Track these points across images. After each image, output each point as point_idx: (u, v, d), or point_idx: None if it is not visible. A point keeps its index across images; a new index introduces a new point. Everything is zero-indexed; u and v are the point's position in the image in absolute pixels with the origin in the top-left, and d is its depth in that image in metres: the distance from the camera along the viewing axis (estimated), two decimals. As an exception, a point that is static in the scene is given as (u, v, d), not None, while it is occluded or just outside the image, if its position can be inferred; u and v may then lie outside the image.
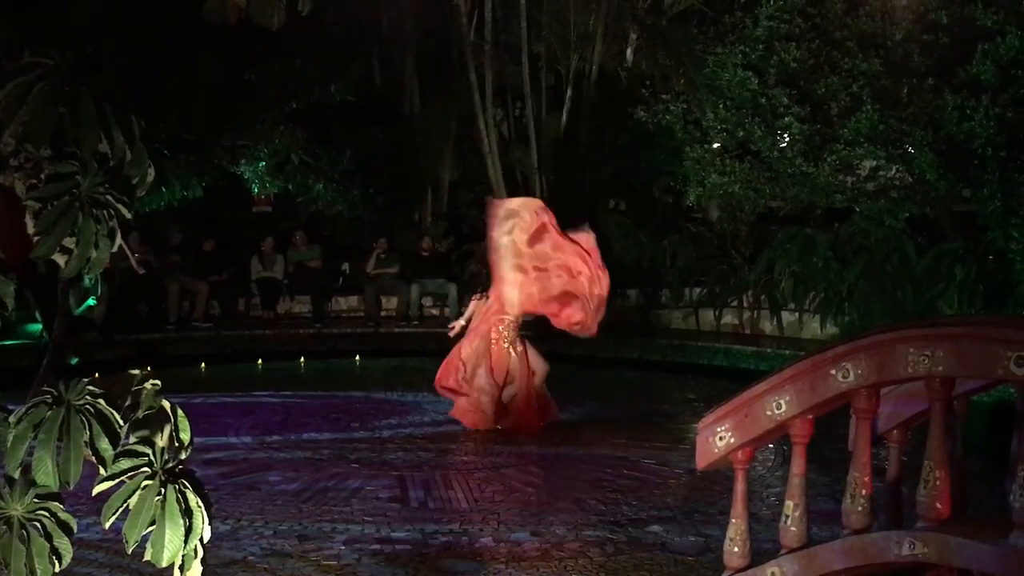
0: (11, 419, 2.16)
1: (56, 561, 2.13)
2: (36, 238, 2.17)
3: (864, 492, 3.52)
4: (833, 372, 3.50)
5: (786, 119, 11.98)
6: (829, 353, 3.54)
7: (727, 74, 12.50)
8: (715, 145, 13.32)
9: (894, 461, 3.93)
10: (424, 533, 5.59)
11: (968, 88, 10.68)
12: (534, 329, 9.27)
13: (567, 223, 8.47)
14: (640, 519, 5.89)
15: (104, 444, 2.17)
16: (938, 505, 3.31)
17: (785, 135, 12.30)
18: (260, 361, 12.36)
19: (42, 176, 2.26)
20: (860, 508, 3.52)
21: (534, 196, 15.91)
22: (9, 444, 2.15)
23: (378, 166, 15.50)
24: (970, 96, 10.56)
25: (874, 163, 12.17)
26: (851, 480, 3.55)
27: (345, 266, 15.32)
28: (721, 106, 12.72)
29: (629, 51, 15.47)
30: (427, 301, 14.56)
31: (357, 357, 12.70)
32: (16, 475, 2.15)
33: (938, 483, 3.31)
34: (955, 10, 11.21)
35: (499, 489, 6.54)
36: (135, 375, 2.34)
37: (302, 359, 12.53)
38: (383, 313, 14.45)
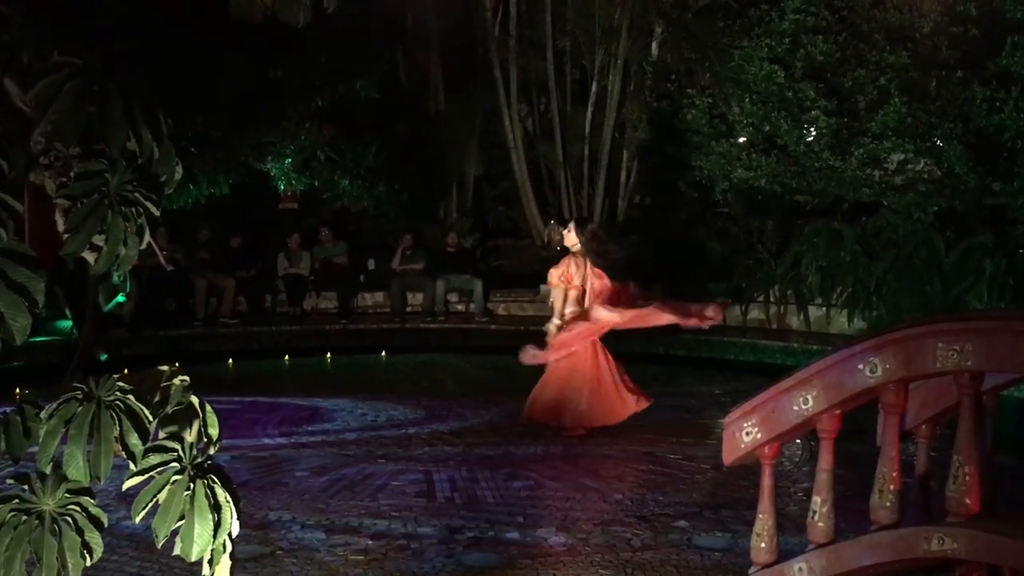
0: (42, 415, 2.19)
1: (87, 555, 2.16)
2: (66, 236, 2.19)
3: (892, 488, 3.50)
4: (860, 367, 3.47)
5: (813, 113, 11.90)
6: (856, 348, 3.52)
7: (753, 68, 12.43)
8: (741, 139, 13.26)
9: (923, 456, 3.90)
10: (451, 528, 5.60)
11: (998, 80, 10.58)
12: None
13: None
14: (667, 514, 5.88)
15: (134, 439, 2.19)
16: (967, 501, 3.28)
17: (812, 129, 12.22)
18: (287, 357, 12.42)
19: (72, 174, 2.28)
20: (888, 504, 3.50)
21: (558, 191, 15.96)
22: (41, 439, 2.17)
23: (403, 162, 15.54)
24: (1000, 88, 10.46)
25: (902, 157, 12.07)
26: (879, 475, 3.53)
27: (371, 262, 15.37)
28: (747, 100, 12.66)
29: (654, 45, 15.43)
30: (453, 297, 14.59)
31: (383, 353, 12.74)
32: (47, 470, 2.18)
33: (967, 478, 3.28)
34: (984, 2, 11.12)
35: (525, 484, 6.55)
36: (164, 371, 2.36)
37: (328, 355, 12.58)
38: (409, 309, 14.49)
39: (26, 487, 2.17)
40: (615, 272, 8.28)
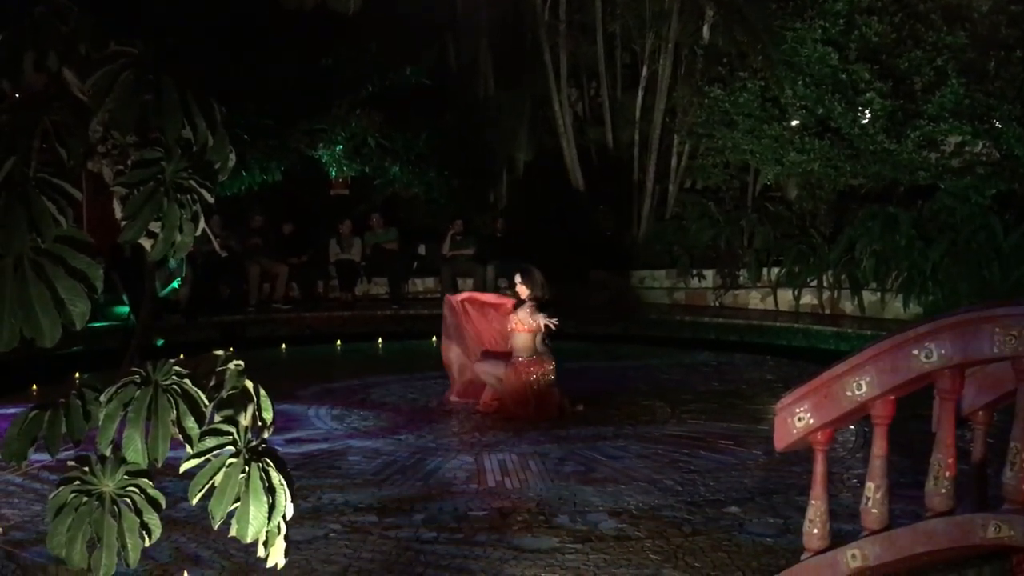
0: (102, 399, 2.23)
1: (146, 536, 2.20)
2: (123, 223, 2.23)
3: (948, 474, 3.46)
4: (915, 352, 3.44)
5: (867, 95, 11.74)
6: (911, 333, 3.48)
7: (806, 50, 12.28)
8: (794, 122, 13.12)
9: (979, 443, 3.85)
10: (501, 512, 5.63)
11: (1059, 60, 10.38)
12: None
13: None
14: (718, 500, 5.85)
15: (190, 423, 2.23)
16: (1025, 488, 3.24)
17: (866, 111, 12.06)
18: (339, 342, 12.52)
19: (128, 162, 2.32)
20: (944, 490, 3.46)
21: (608, 177, 15.89)
22: (100, 423, 2.22)
23: (453, 148, 15.60)
24: (1061, 68, 10.26)
25: (959, 139, 11.87)
26: (935, 462, 3.49)
27: (421, 248, 15.45)
28: (800, 83, 12.51)
29: (705, 28, 15.29)
30: (503, 282, 14.59)
31: (433, 338, 12.74)
32: (107, 452, 2.23)
33: (1025, 465, 3.24)
34: (1045, -20, 10.90)
35: (576, 469, 6.55)
36: (219, 356, 2.40)
37: (380, 340, 12.66)
38: (459, 294, 14.54)
39: (87, 469, 2.22)
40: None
